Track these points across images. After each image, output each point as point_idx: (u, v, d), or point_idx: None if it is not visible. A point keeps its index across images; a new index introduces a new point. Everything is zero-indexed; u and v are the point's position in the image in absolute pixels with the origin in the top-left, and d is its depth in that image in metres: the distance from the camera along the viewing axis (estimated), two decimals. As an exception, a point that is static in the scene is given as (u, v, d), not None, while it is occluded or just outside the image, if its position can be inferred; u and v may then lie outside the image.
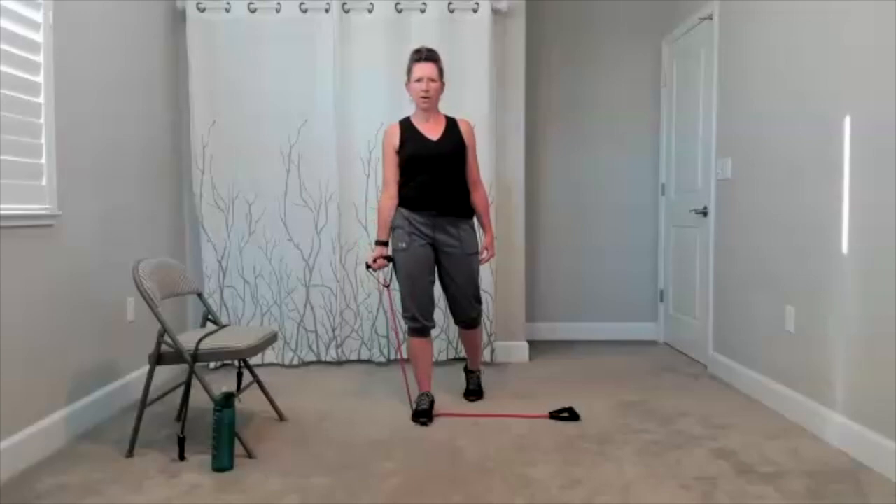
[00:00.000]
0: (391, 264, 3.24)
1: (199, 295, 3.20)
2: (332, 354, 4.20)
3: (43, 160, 2.72)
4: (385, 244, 3.21)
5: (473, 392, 3.46)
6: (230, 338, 2.80)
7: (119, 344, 3.32)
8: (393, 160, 3.21)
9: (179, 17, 4.07)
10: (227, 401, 2.52)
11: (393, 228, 3.21)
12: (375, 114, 4.06)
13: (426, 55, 3.17)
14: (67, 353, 2.88)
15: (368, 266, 3.24)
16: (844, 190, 2.72)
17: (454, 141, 3.24)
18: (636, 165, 5.00)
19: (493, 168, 4.10)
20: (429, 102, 3.18)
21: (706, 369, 4.06)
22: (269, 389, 3.14)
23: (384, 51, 4.07)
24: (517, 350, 4.33)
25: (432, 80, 3.15)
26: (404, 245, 3.16)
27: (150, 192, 3.73)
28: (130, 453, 2.66)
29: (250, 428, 2.98)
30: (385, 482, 2.40)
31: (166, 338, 2.67)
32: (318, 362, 4.22)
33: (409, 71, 3.19)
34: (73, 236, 2.94)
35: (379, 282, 3.12)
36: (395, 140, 3.20)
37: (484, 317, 3.98)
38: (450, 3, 4.07)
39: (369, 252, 4.13)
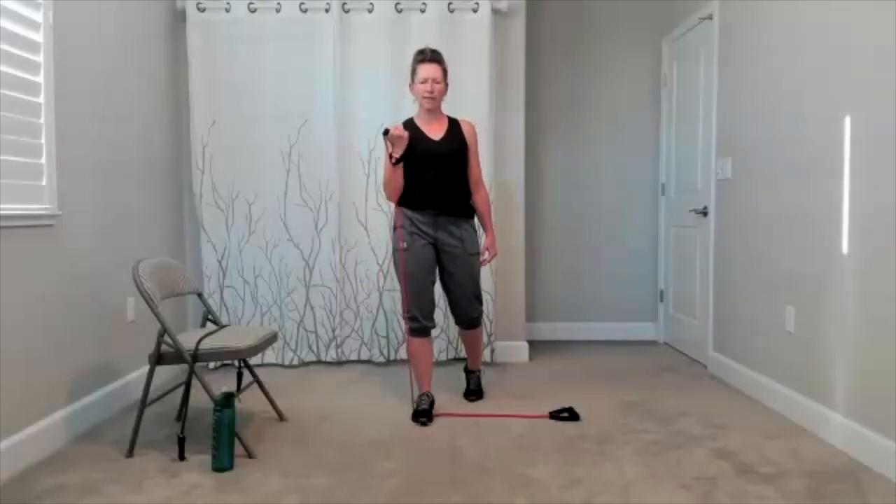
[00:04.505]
0: (400, 156, 3.08)
1: (199, 295, 3.20)
2: (332, 354, 4.20)
3: (43, 160, 2.72)
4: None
5: (473, 392, 3.46)
6: (230, 338, 2.80)
7: (119, 344, 3.31)
8: None
9: (179, 17, 4.07)
10: (227, 401, 2.52)
11: (395, 228, 3.21)
12: (375, 114, 4.07)
13: (430, 56, 3.15)
14: (67, 353, 2.88)
15: (387, 131, 3.04)
16: (844, 190, 2.72)
17: (456, 141, 3.23)
18: (636, 165, 5.00)
19: (493, 168, 4.10)
20: (433, 104, 3.18)
21: (706, 369, 4.06)
22: (269, 389, 3.14)
23: (384, 51, 4.07)
24: (517, 350, 4.33)
25: (437, 82, 3.14)
26: (406, 245, 3.16)
27: (150, 192, 3.72)
28: (130, 453, 2.66)
29: (250, 428, 2.98)
30: (385, 482, 2.40)
31: (166, 338, 2.67)
32: (318, 362, 4.22)
33: (414, 72, 3.18)
34: (73, 236, 2.94)
35: (388, 148, 3.03)
36: None
37: (484, 317, 3.98)
38: (450, 3, 4.07)
39: (369, 252, 4.18)
